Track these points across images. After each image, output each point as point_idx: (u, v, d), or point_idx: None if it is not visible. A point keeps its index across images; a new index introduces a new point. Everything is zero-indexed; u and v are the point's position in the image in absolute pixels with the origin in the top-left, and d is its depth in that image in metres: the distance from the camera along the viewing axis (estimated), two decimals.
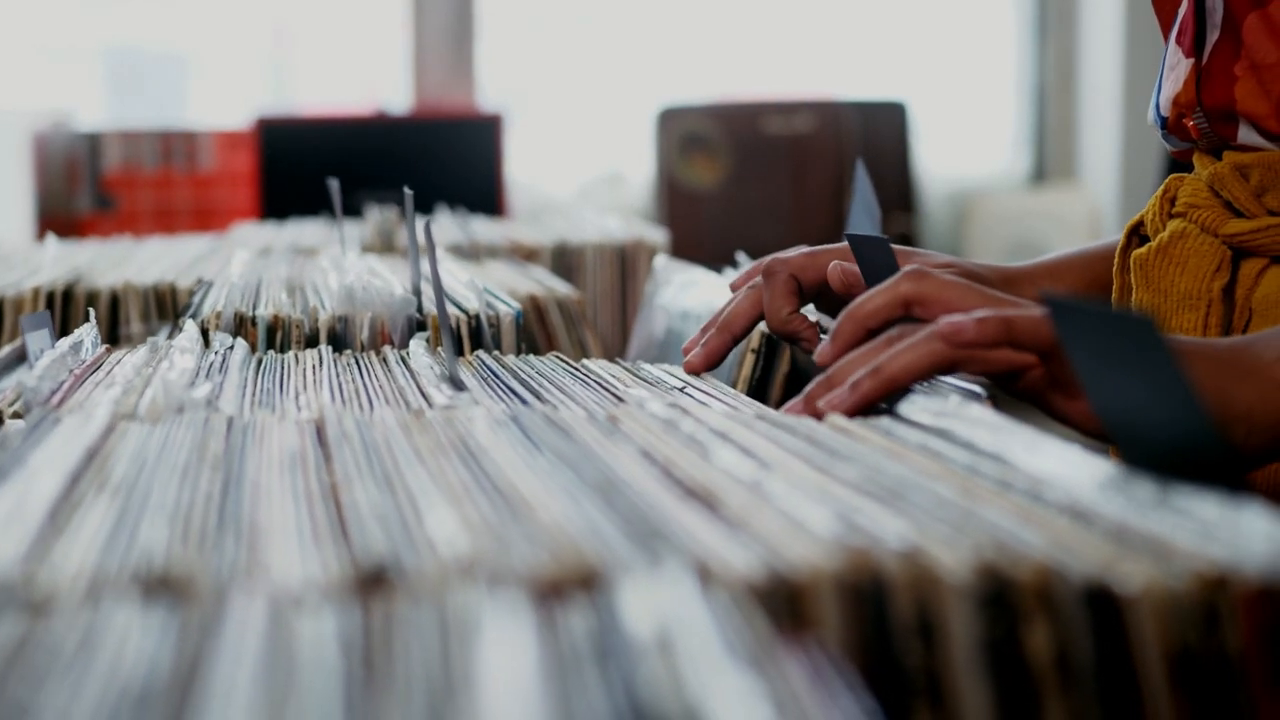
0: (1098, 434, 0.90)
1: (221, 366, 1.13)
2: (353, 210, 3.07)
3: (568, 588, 0.55)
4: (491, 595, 0.52)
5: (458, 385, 1.05)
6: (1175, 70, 1.21)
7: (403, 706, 0.44)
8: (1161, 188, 1.23)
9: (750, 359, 1.36)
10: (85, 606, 0.52)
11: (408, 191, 1.45)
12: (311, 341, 1.33)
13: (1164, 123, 1.23)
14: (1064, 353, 0.90)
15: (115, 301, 1.67)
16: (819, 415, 0.94)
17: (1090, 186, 4.41)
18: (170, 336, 1.49)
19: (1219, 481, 0.70)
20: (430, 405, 0.96)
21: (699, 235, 4.07)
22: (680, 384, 1.11)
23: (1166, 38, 1.25)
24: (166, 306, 1.67)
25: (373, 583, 0.55)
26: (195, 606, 0.52)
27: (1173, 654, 0.59)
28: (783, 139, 4.18)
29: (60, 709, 0.44)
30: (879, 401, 0.94)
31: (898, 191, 4.20)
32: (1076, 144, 4.57)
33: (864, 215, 1.63)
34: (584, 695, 0.45)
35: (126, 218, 3.98)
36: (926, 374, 0.93)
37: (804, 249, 1.24)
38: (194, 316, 1.36)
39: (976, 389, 1.00)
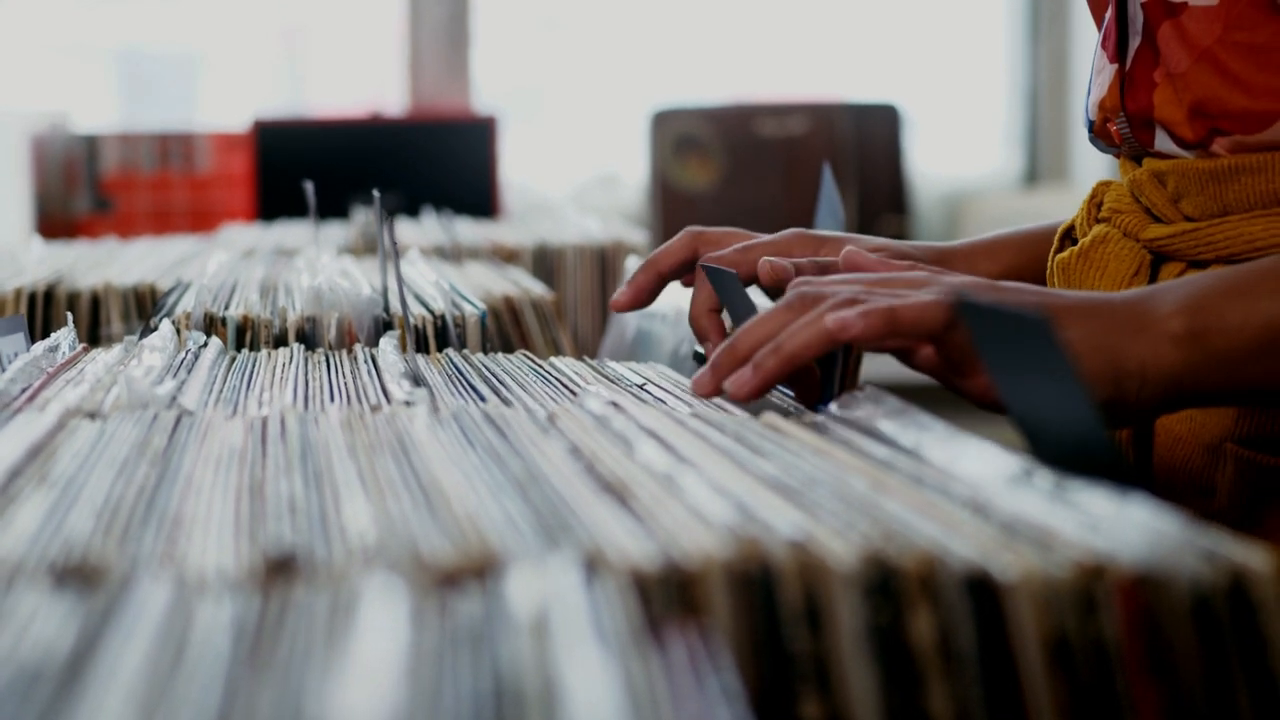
0: (994, 408, 0.92)
1: (191, 364, 1.15)
2: (346, 212, 3.10)
3: (463, 576, 0.58)
4: (375, 582, 0.55)
5: (418, 382, 1.07)
6: (1101, 74, 1.23)
7: (278, 688, 0.47)
8: (1090, 193, 1.26)
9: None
10: None
11: (376, 194, 1.48)
12: (280, 341, 1.35)
13: (1091, 126, 1.26)
14: (953, 335, 0.93)
15: (96, 302, 1.70)
16: (719, 391, 0.98)
17: (1082, 187, 4.42)
18: (142, 337, 1.52)
19: (1111, 477, 0.73)
20: (389, 401, 0.99)
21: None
22: (641, 380, 1.14)
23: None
24: (146, 307, 1.70)
25: (277, 571, 0.58)
26: (101, 593, 0.55)
27: (1051, 640, 0.62)
28: (776, 141, 4.21)
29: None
30: (782, 379, 0.97)
31: (890, 193, 4.23)
32: (1069, 145, 4.59)
33: (829, 217, 1.66)
34: (452, 676, 0.48)
35: (124, 219, 4.01)
36: (825, 351, 0.97)
37: (737, 243, 1.27)
38: (166, 316, 1.39)
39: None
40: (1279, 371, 0.99)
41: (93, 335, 1.68)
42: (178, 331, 1.34)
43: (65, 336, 1.23)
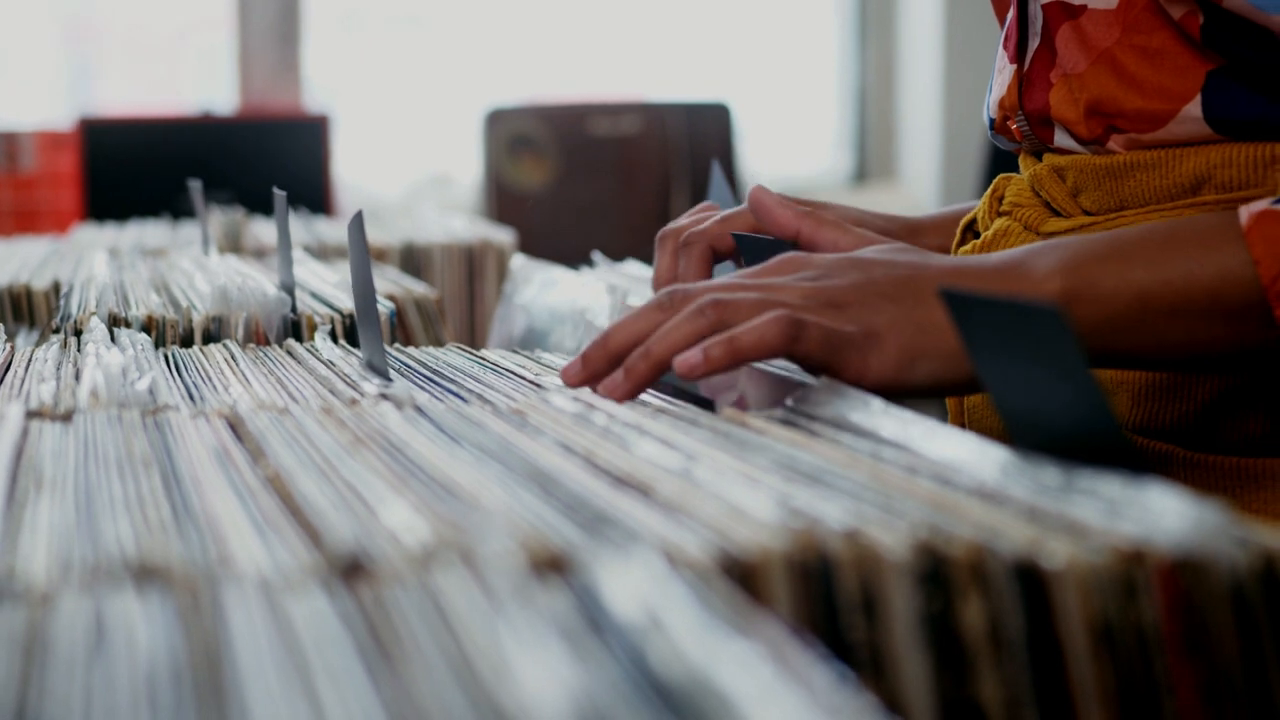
0: (875, 391, 0.94)
1: (147, 362, 1.13)
2: (181, 211, 3.05)
3: (541, 571, 0.58)
4: (481, 575, 0.55)
5: (384, 375, 1.07)
6: (1002, 74, 1.27)
7: (426, 676, 0.47)
8: (991, 187, 1.28)
9: None
10: (83, 596, 0.54)
11: (279, 192, 1.47)
12: (186, 341, 1.33)
13: (992, 124, 1.29)
14: (797, 348, 0.95)
15: None
16: (587, 383, 1.00)
17: (910, 186, 4.51)
18: (44, 337, 1.48)
19: (1117, 465, 0.74)
20: (362, 395, 0.98)
21: (528, 235, 4.09)
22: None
23: None
24: (22, 308, 1.66)
25: (351, 570, 0.58)
26: (187, 592, 0.54)
27: (1095, 625, 0.63)
28: (610, 140, 4.22)
29: (105, 691, 0.45)
30: (652, 383, 0.99)
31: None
32: (897, 144, 4.67)
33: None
34: (595, 663, 0.48)
35: None
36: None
37: (715, 216, 1.31)
38: (65, 318, 1.37)
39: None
40: (1155, 338, 1.01)
41: None
42: (78, 333, 1.32)
43: None
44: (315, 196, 3.84)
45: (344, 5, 4.64)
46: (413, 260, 2.20)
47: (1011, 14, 1.25)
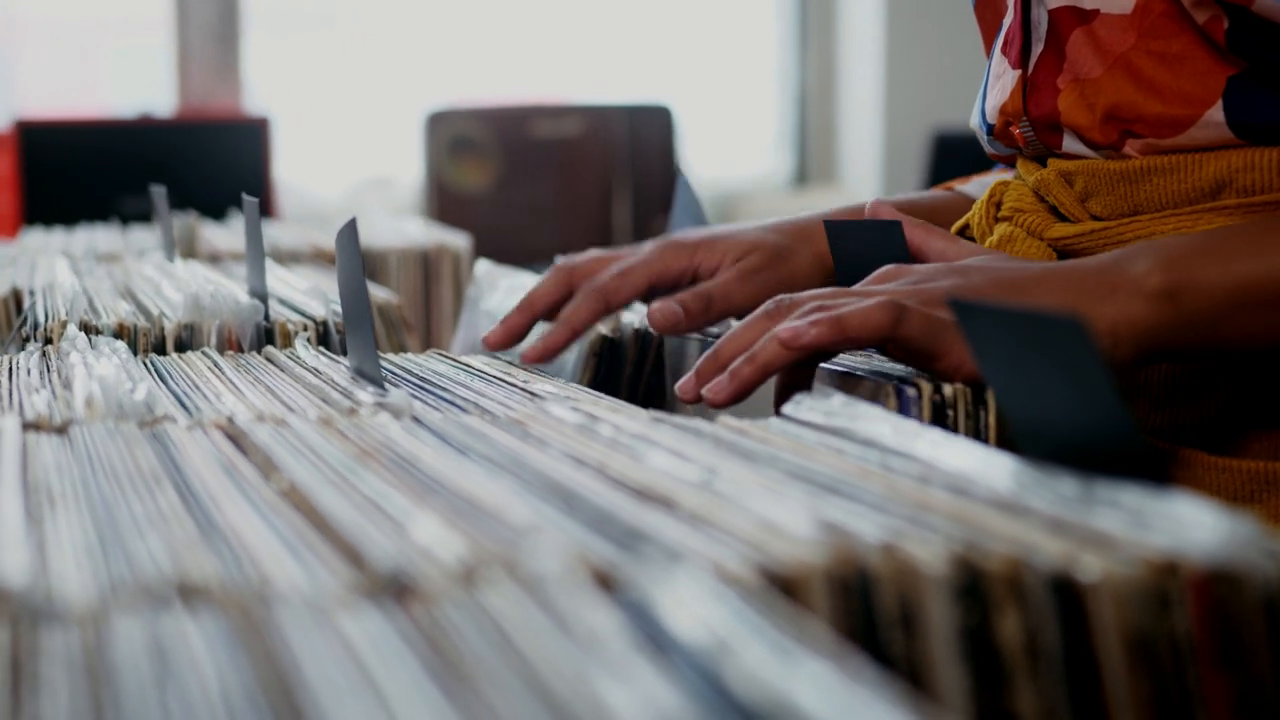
0: (969, 383, 0.98)
1: (137, 371, 1.11)
2: (127, 215, 3.02)
3: (593, 589, 0.57)
4: (538, 593, 0.54)
5: (378, 383, 1.06)
6: (1001, 80, 1.26)
7: (504, 698, 0.46)
8: (988, 193, 1.28)
9: (592, 363, 1.39)
10: (132, 618, 0.53)
11: (250, 199, 1.45)
12: (159, 349, 1.32)
13: (991, 129, 1.29)
14: (900, 332, 0.98)
15: None
16: (700, 397, 1.02)
17: (850, 188, 4.53)
18: (6, 345, 1.47)
19: (1138, 473, 0.74)
20: (359, 404, 0.97)
21: (470, 237, 4.09)
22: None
23: (988, 47, 1.31)
24: None
25: (398, 589, 0.57)
26: (238, 612, 0.53)
27: (1130, 637, 0.63)
28: (551, 142, 4.22)
29: (183, 715, 0.45)
30: (756, 386, 1.00)
31: (663, 193, 4.27)
32: (837, 147, 4.69)
33: (688, 223, 1.66)
34: (672, 684, 0.47)
35: None
36: (791, 360, 1.00)
37: (609, 266, 1.34)
38: (34, 326, 1.35)
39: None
40: (1250, 330, 1.04)
41: None
42: (48, 340, 1.30)
43: None
44: (257, 199, 3.81)
45: (283, 6, 4.61)
46: (367, 265, 2.19)
47: (1012, 19, 1.25)
